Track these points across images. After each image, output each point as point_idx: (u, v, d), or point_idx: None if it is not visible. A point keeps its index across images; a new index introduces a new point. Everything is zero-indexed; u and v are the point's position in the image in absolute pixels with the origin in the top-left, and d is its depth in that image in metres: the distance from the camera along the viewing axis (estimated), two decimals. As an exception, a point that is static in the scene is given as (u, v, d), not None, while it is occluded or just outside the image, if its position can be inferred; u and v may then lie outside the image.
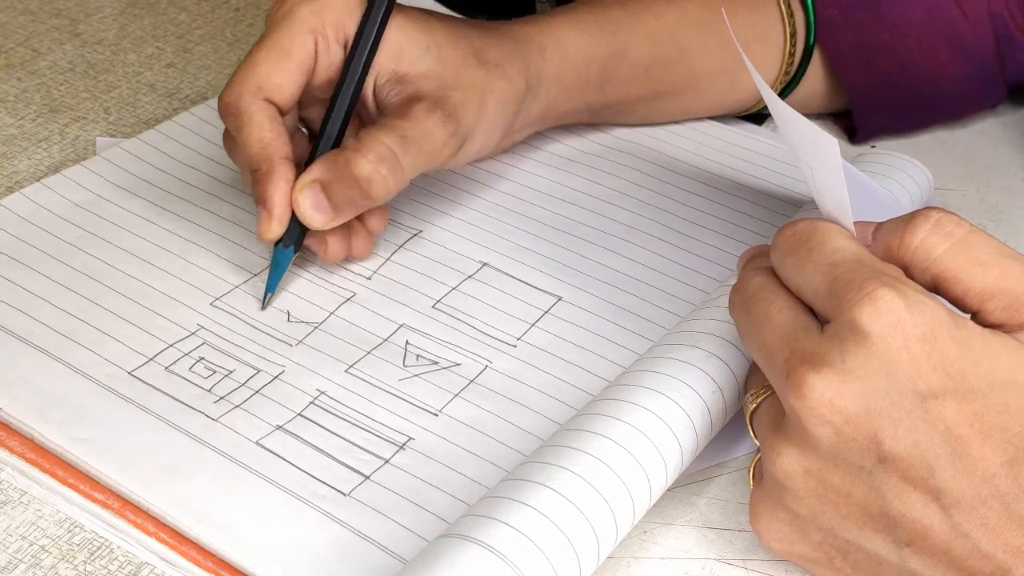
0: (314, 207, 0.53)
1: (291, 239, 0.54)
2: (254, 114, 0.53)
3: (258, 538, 0.44)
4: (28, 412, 0.48)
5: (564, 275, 0.57)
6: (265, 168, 0.53)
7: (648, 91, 0.64)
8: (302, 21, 0.54)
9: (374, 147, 0.52)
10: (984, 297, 0.39)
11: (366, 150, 0.52)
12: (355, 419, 0.49)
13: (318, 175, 0.53)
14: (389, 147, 0.52)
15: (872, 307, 0.38)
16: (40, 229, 0.58)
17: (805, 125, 0.41)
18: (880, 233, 0.42)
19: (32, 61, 0.72)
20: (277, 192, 0.52)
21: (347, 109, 0.55)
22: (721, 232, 0.60)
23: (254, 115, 0.53)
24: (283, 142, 0.53)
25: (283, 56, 0.54)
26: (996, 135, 0.70)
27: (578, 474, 0.41)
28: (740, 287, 0.44)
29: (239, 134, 0.53)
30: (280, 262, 0.54)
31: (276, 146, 0.53)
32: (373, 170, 0.52)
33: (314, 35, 0.54)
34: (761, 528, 0.42)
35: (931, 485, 0.38)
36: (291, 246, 0.54)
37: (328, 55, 0.55)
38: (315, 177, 0.53)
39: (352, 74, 0.55)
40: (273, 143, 0.53)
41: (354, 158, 0.52)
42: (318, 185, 0.52)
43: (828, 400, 0.38)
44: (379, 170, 0.52)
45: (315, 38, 0.54)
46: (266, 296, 0.54)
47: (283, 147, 0.53)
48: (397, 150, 0.53)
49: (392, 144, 0.53)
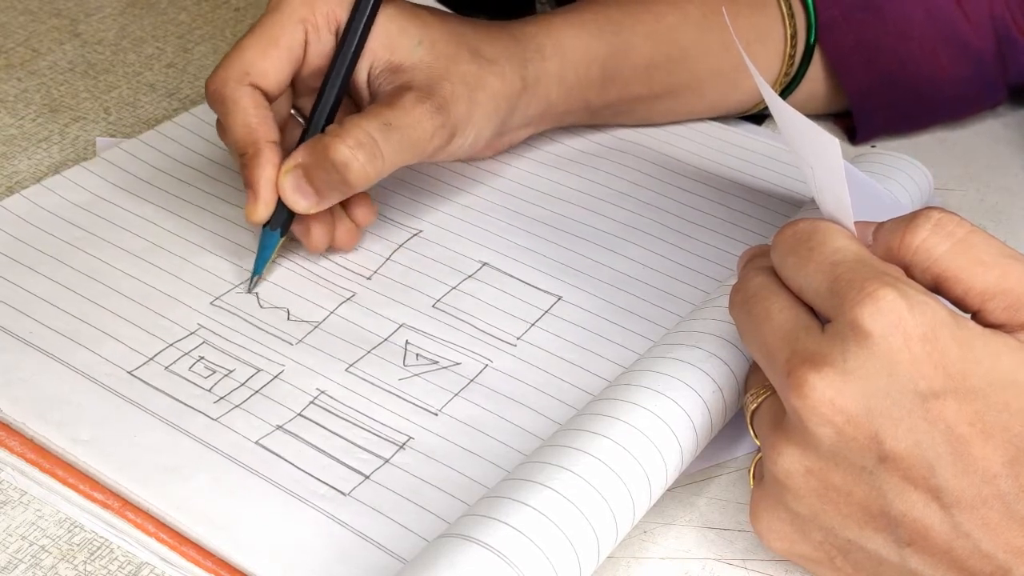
0: (296, 190, 0.53)
1: (277, 222, 0.54)
2: (239, 99, 0.53)
3: (258, 538, 0.44)
4: (28, 413, 0.48)
5: (564, 275, 0.57)
6: (251, 152, 0.53)
7: (648, 91, 0.64)
8: (292, 10, 0.55)
9: (353, 133, 0.53)
10: (985, 297, 0.39)
11: (345, 135, 0.53)
12: (355, 419, 0.49)
13: (300, 159, 0.53)
14: (369, 133, 0.53)
15: (873, 307, 0.38)
16: (40, 230, 0.58)
17: (806, 125, 0.41)
18: (881, 233, 0.42)
19: (32, 61, 0.72)
20: (263, 176, 0.53)
21: (335, 96, 0.55)
22: (721, 232, 0.60)
23: (239, 100, 0.53)
24: (268, 126, 0.54)
25: (270, 43, 0.54)
26: (996, 135, 0.70)
27: (578, 474, 0.41)
28: (740, 287, 0.44)
29: (225, 119, 0.54)
30: (267, 245, 0.55)
31: (262, 130, 0.53)
32: (351, 155, 0.52)
33: (304, 24, 0.55)
34: (762, 528, 0.42)
35: (932, 485, 0.38)
36: (278, 229, 0.54)
37: (319, 44, 0.55)
38: (297, 162, 0.53)
39: (340, 62, 0.55)
40: (259, 128, 0.53)
41: (332, 143, 0.52)
42: (300, 170, 0.53)
43: (829, 400, 0.38)
44: (357, 156, 0.52)
45: (305, 27, 0.55)
46: (252, 278, 0.55)
47: (269, 131, 0.53)
48: (377, 137, 0.53)
49: (372, 130, 0.53)
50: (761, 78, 0.44)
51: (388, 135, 0.53)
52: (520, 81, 0.58)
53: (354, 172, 0.53)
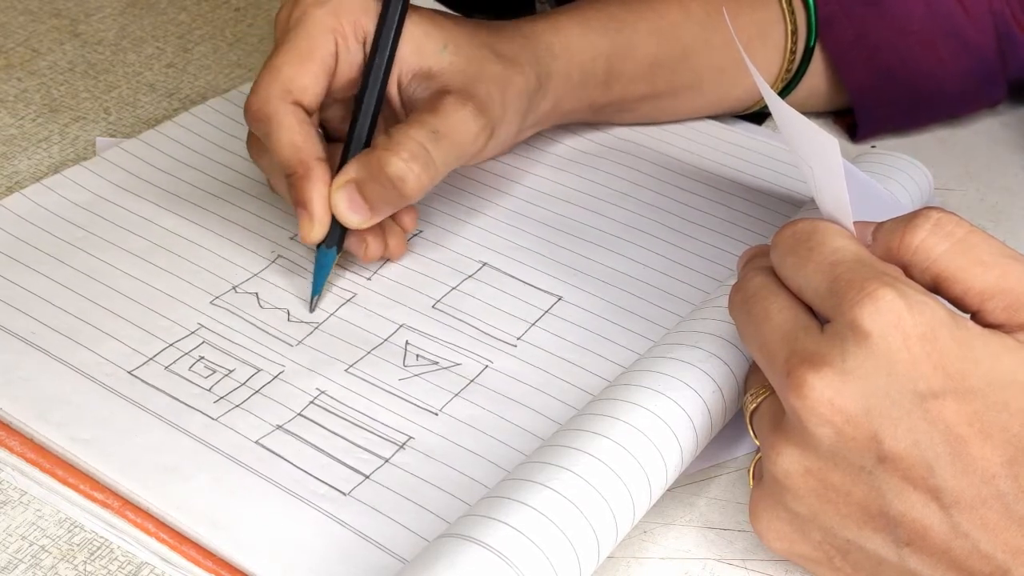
0: (350, 207, 0.53)
1: (332, 240, 0.54)
2: (283, 118, 0.53)
3: (258, 538, 0.44)
4: (28, 412, 0.48)
5: (564, 275, 0.57)
6: (301, 171, 0.52)
7: (651, 89, 0.64)
8: (320, 22, 0.54)
9: (406, 144, 0.52)
10: (984, 297, 0.39)
11: (398, 148, 0.52)
12: (355, 418, 0.49)
13: (353, 175, 0.52)
14: (421, 143, 0.52)
15: (873, 307, 0.38)
16: (40, 229, 0.58)
17: (805, 124, 0.41)
18: (880, 233, 0.42)
19: (32, 61, 0.72)
20: (315, 194, 0.52)
21: (374, 107, 0.55)
22: (721, 232, 0.60)
23: (283, 119, 0.53)
24: (315, 144, 0.53)
25: (305, 58, 0.53)
26: (996, 135, 0.70)
27: (578, 474, 0.41)
28: (740, 287, 0.44)
29: (269, 139, 0.53)
30: (324, 263, 0.54)
31: (308, 148, 0.53)
32: (406, 168, 0.52)
33: (334, 35, 0.54)
34: (761, 527, 0.42)
35: (931, 485, 0.38)
36: (333, 247, 0.54)
37: (349, 55, 0.55)
38: (350, 177, 0.52)
39: (376, 72, 0.54)
40: (305, 146, 0.53)
41: (386, 157, 0.52)
42: (353, 185, 0.52)
43: (828, 400, 0.38)
44: (412, 168, 0.52)
45: (335, 38, 0.54)
46: (313, 299, 0.55)
47: (315, 148, 0.53)
48: (429, 146, 0.52)
49: (423, 140, 0.52)
50: (760, 77, 0.44)
51: (438, 143, 0.53)
52: (536, 79, 0.58)
53: (410, 184, 0.52)
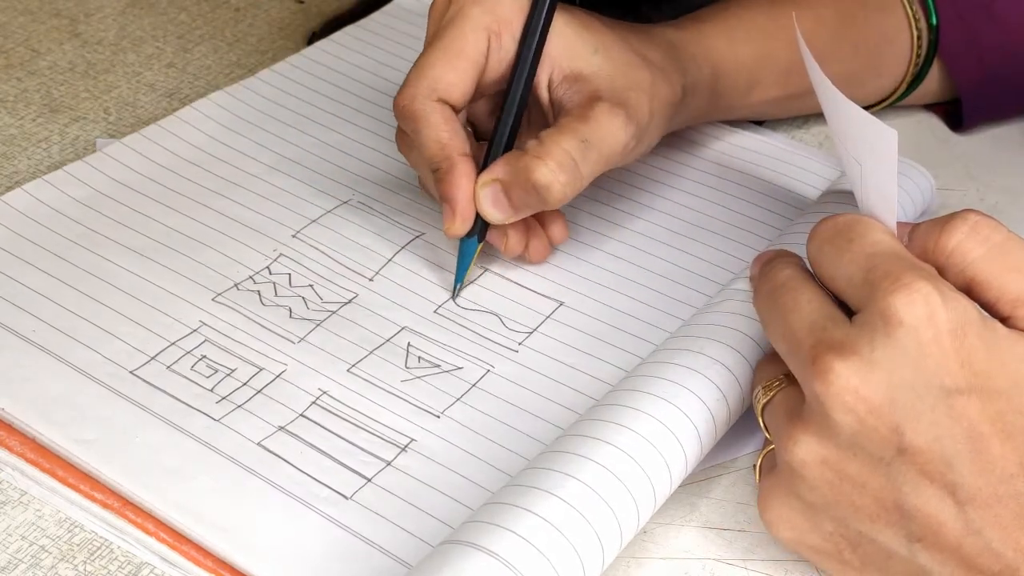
0: (494, 205, 0.53)
1: (475, 230, 0.54)
2: (429, 115, 0.53)
3: (260, 540, 0.44)
4: (29, 412, 0.48)
5: (566, 280, 0.57)
6: (446, 167, 0.53)
7: (784, 93, 0.64)
8: (475, 20, 0.54)
9: (555, 153, 0.52)
10: (1017, 304, 0.40)
11: (547, 156, 0.52)
12: (357, 420, 0.49)
13: (499, 175, 0.53)
14: (569, 153, 0.52)
15: (907, 297, 0.38)
16: (41, 225, 0.57)
17: (861, 116, 0.42)
18: (916, 234, 0.42)
19: (32, 61, 0.72)
20: (459, 190, 0.53)
21: (517, 106, 0.55)
22: (724, 235, 0.60)
23: (429, 116, 0.53)
24: (460, 140, 0.53)
25: (456, 56, 0.53)
26: (996, 135, 0.70)
27: (584, 482, 0.41)
28: (768, 277, 0.44)
29: (416, 136, 0.53)
30: (467, 252, 0.55)
31: (454, 144, 0.53)
32: (553, 178, 0.52)
33: (487, 33, 0.54)
34: (771, 517, 0.42)
35: (948, 480, 0.38)
36: (475, 236, 0.55)
37: (500, 52, 0.55)
38: (496, 177, 0.53)
39: (520, 71, 0.54)
40: (450, 142, 0.53)
41: (534, 163, 0.52)
42: (499, 184, 0.53)
43: (854, 388, 0.38)
44: (559, 177, 0.52)
45: (488, 36, 0.54)
46: (456, 287, 0.55)
47: (461, 144, 0.53)
48: (577, 156, 0.52)
49: (572, 149, 0.52)
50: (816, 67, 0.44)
51: (587, 153, 0.52)
52: (682, 89, 0.58)
53: (555, 194, 0.52)
